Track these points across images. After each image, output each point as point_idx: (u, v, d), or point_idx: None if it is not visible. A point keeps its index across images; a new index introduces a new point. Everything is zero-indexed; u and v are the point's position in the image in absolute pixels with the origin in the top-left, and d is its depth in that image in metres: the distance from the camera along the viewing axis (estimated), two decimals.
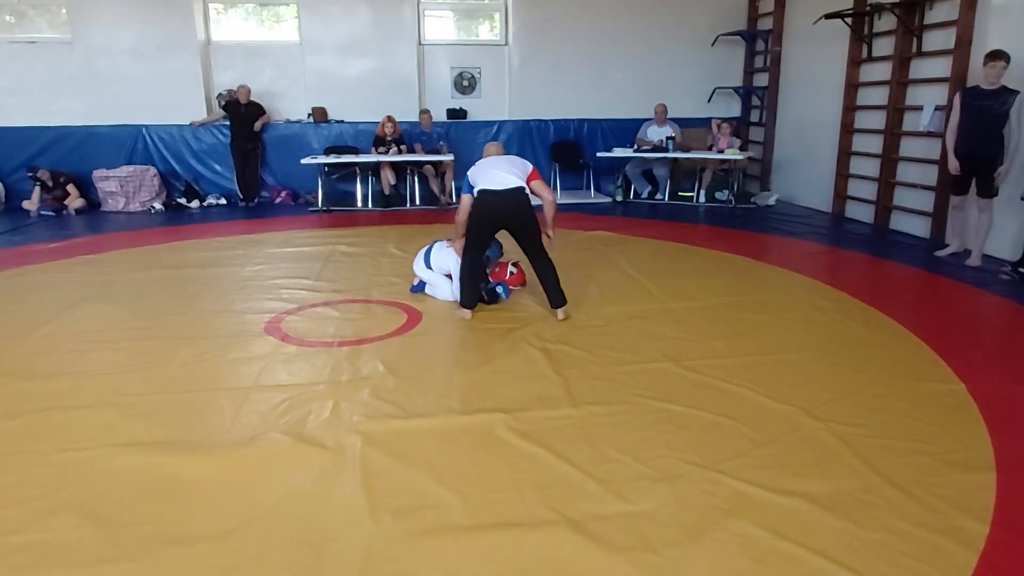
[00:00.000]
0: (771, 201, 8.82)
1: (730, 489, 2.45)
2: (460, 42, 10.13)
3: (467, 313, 4.36)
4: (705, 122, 9.50)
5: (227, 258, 6.02)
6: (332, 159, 8.72)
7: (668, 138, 8.82)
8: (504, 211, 4.24)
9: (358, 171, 8.87)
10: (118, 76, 9.03)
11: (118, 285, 5.17)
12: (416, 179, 9.05)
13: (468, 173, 4.39)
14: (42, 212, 8.38)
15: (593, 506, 2.36)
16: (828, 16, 7.51)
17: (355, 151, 9.02)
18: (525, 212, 4.25)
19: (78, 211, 8.49)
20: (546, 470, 2.59)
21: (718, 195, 8.88)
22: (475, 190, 4.27)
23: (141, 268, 5.72)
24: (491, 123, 9.81)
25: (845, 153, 7.90)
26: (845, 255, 6.32)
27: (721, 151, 8.63)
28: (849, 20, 7.49)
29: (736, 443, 2.77)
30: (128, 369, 3.60)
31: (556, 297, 4.35)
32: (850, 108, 7.78)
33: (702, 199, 8.91)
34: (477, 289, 4.43)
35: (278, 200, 9.27)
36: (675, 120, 9.25)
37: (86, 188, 8.72)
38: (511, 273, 4.87)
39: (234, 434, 2.88)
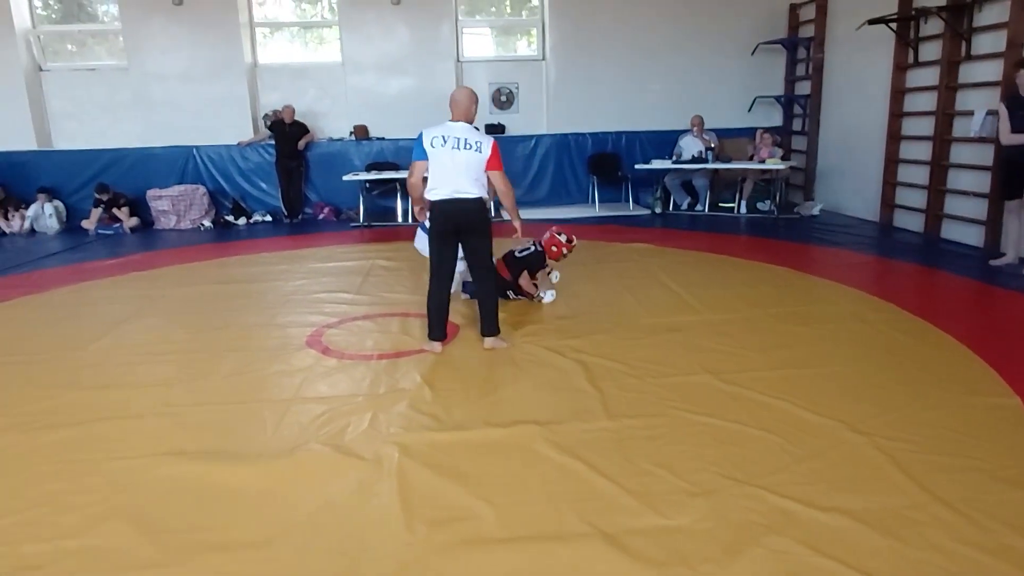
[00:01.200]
0: (815, 211, 8.63)
1: (770, 505, 2.39)
2: (498, 58, 10.25)
3: (437, 347, 4.03)
4: (745, 132, 9.38)
5: (271, 273, 6.18)
6: (373, 175, 8.90)
7: (707, 149, 8.73)
8: (457, 220, 3.91)
9: (398, 187, 9.01)
10: (170, 100, 9.42)
11: (168, 300, 5.36)
12: None
13: (422, 135, 3.90)
14: (99, 231, 8.75)
15: (628, 520, 2.33)
16: (872, 22, 7.36)
17: (395, 167, 9.18)
18: (474, 221, 3.93)
19: (133, 229, 8.84)
20: (581, 483, 2.58)
21: (759, 206, 8.73)
22: (428, 189, 3.92)
23: (190, 283, 5.92)
24: (529, 137, 9.88)
25: (892, 161, 7.69)
26: (893, 265, 6.13)
27: (762, 161, 8.50)
28: (894, 25, 7.32)
29: (776, 458, 2.71)
30: (176, 381, 3.72)
31: (488, 323, 4.06)
32: (897, 115, 7.58)
33: (743, 210, 8.77)
34: (444, 320, 4.07)
35: (321, 216, 9.48)
36: (714, 130, 9.16)
37: (140, 207, 9.08)
38: (566, 241, 4.97)
39: (275, 445, 2.96)
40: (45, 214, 8.93)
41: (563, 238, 5.02)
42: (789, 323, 4.37)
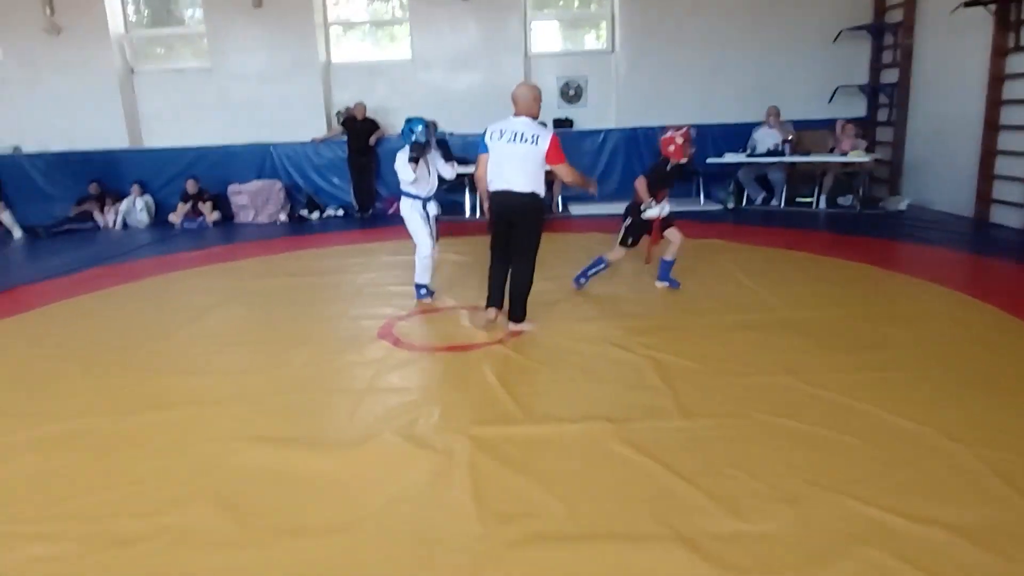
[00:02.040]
0: (901, 206, 8.17)
1: (859, 514, 2.26)
2: (566, 52, 10.17)
3: (491, 312, 4.25)
4: (825, 123, 8.95)
5: (344, 266, 6.33)
6: None
7: (784, 141, 8.39)
8: (508, 212, 4.07)
9: (466, 182, 9.06)
10: (249, 99, 9.79)
11: (247, 291, 5.56)
12: None
13: (487, 131, 4.10)
14: (185, 224, 9.19)
15: (707, 523, 2.26)
16: (969, 4, 6.89)
17: (464, 162, 9.22)
18: (523, 214, 4.05)
19: (215, 223, 9.24)
20: (656, 483, 2.51)
21: (841, 200, 8.34)
22: (488, 181, 4.10)
23: (267, 276, 6.12)
24: (597, 132, 9.75)
25: (990, 153, 7.19)
26: (991, 264, 5.73)
27: (844, 153, 8.10)
28: (993, 7, 6.83)
29: (865, 465, 2.57)
30: (255, 369, 3.85)
31: (514, 309, 4.20)
32: (996, 103, 7.07)
33: (823, 205, 8.40)
34: (499, 289, 4.25)
35: (391, 211, 9.63)
36: (791, 121, 8.80)
37: (221, 202, 9.48)
38: (676, 131, 4.85)
39: (350, 433, 3.01)
40: (136, 208, 9.43)
41: (670, 133, 4.83)
42: (876, 323, 4.14)
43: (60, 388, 3.63)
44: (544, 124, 4.03)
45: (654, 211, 4.81)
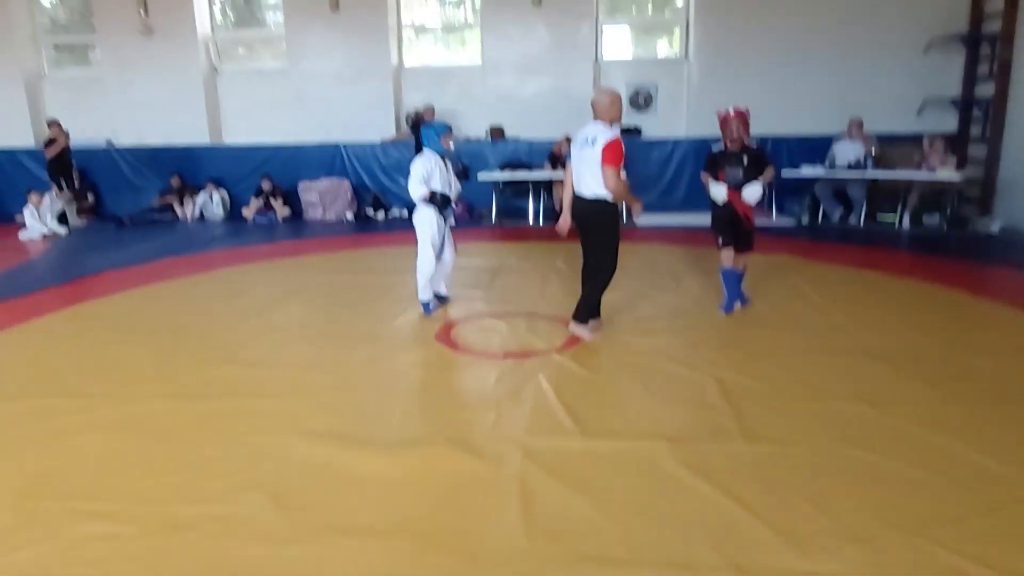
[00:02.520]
0: (993, 228, 7.64)
1: (940, 562, 2.08)
2: (638, 59, 10.01)
3: (590, 322, 4.26)
4: (911, 137, 8.47)
5: (406, 267, 6.31)
6: (507, 175, 8.98)
7: (867, 155, 7.99)
8: (578, 216, 4.13)
9: (531, 187, 9.04)
10: (323, 99, 10.05)
11: (312, 286, 5.68)
12: None
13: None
14: (257, 219, 9.50)
15: (768, 558, 2.12)
16: None
17: (529, 167, 9.22)
18: (589, 219, 4.07)
19: (284, 219, 9.52)
20: (714, 509, 2.38)
21: (926, 219, 7.87)
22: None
23: (332, 272, 6.24)
24: (665, 141, 9.54)
25: None
26: None
27: (932, 169, 7.65)
28: None
29: (947, 507, 2.36)
30: (314, 364, 3.90)
31: (579, 310, 4.21)
32: None
33: (906, 224, 7.94)
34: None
35: (456, 214, 9.70)
36: (876, 135, 8.37)
37: (292, 199, 9.76)
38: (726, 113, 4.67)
39: (402, 434, 3.00)
40: (212, 202, 9.82)
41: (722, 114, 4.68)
42: (962, 353, 3.85)
43: (130, 372, 3.78)
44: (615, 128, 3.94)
45: (716, 191, 4.55)
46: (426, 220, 4.69)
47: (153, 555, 2.18)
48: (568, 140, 8.81)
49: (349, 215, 9.63)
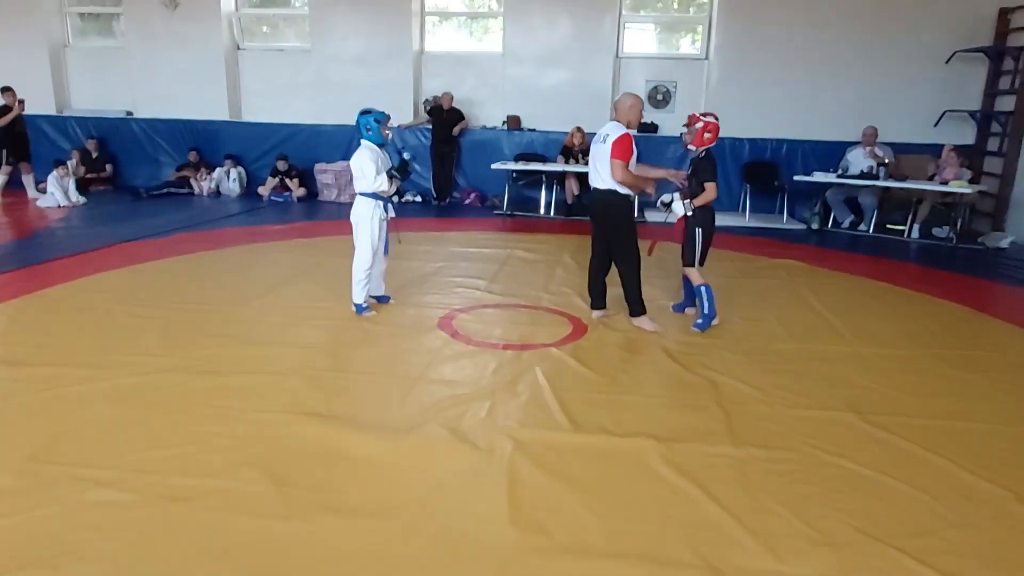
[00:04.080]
0: (1004, 243, 7.60)
1: (908, 571, 2.14)
2: (658, 55, 9.98)
3: (595, 315, 4.57)
4: (928, 148, 8.42)
5: (414, 252, 6.45)
6: (521, 166, 9.02)
7: (880, 164, 7.96)
8: (594, 208, 4.39)
9: (544, 179, 9.07)
10: (344, 81, 10.10)
11: (322, 268, 5.76)
12: None
13: None
14: (272, 198, 9.61)
15: (742, 559, 2.19)
16: None
17: (543, 159, 9.25)
18: (604, 210, 4.30)
19: (300, 199, 9.62)
20: (695, 509, 2.45)
21: (936, 231, 7.84)
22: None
23: (341, 255, 6.24)
24: (681, 138, 9.51)
25: None
26: None
27: (945, 182, 7.61)
28: None
29: (922, 519, 2.42)
30: (318, 345, 4.00)
31: (631, 306, 4.42)
32: None
33: (915, 234, 7.91)
34: (597, 292, 4.54)
35: (467, 201, 9.78)
36: (890, 144, 8.33)
37: (307, 179, 9.85)
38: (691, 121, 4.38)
39: (398, 420, 3.09)
40: (229, 179, 9.93)
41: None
42: (958, 368, 3.88)
43: (139, 344, 3.89)
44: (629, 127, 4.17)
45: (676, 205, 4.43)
46: (367, 215, 4.41)
47: (151, 524, 2.28)
48: (579, 130, 8.84)
49: None
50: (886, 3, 8.74)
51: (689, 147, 4.47)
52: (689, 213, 4.35)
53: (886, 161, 8.00)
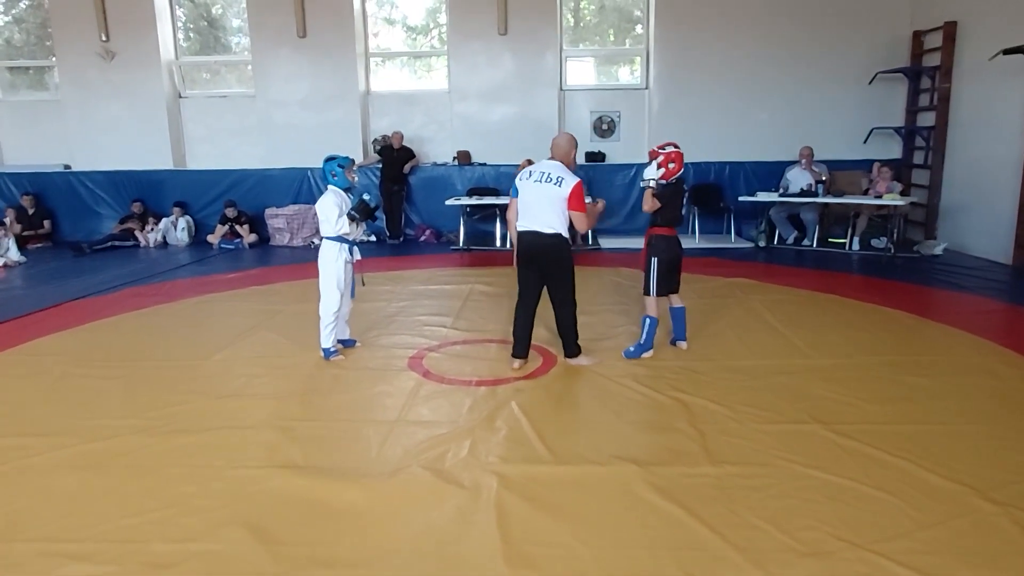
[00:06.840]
0: (937, 250, 8.06)
1: (888, 573, 2.24)
2: (600, 87, 10.31)
3: (515, 363, 4.26)
4: (859, 164, 8.92)
5: (375, 293, 6.42)
6: (474, 200, 9.12)
7: (818, 182, 8.37)
8: (533, 252, 4.10)
9: (498, 212, 9.18)
10: (290, 124, 10.08)
11: (282, 315, 5.68)
12: None
13: (519, 176, 4.19)
14: (223, 245, 9.43)
15: (731, 575, 2.25)
16: (1008, 52, 6.86)
17: (496, 193, 9.37)
18: (550, 255, 4.08)
19: (251, 245, 9.47)
20: (682, 531, 2.51)
21: (874, 243, 8.26)
22: (518, 222, 4.14)
23: (301, 300, 6.23)
24: (629, 166, 9.81)
25: None
26: None
27: (879, 195, 8.04)
28: None
29: (895, 522, 2.54)
30: (288, 394, 3.94)
31: (568, 346, 4.33)
32: None
33: (855, 247, 8.32)
34: (523, 340, 4.27)
35: (422, 238, 9.80)
36: (825, 162, 8.78)
37: (258, 224, 9.72)
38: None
39: (379, 465, 3.06)
40: (177, 228, 9.72)
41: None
42: (909, 373, 4.09)
43: (100, 407, 3.75)
44: (574, 171, 4.12)
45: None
46: (331, 258, 4.37)
47: None
48: (529, 161, 8.99)
49: (316, 240, 9.58)
50: (809, 27, 9.31)
51: (660, 181, 4.40)
52: (652, 185, 4.38)
53: (823, 178, 8.42)
